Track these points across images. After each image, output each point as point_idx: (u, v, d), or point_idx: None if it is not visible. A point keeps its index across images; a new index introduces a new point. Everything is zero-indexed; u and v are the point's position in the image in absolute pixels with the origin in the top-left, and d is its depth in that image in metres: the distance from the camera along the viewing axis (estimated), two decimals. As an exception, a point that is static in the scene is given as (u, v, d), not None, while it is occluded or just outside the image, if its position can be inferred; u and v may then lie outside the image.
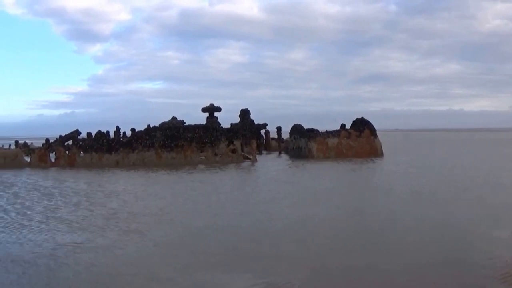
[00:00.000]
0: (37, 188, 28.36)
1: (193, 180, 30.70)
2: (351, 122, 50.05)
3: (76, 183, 30.24)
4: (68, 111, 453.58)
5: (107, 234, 15.25)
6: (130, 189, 26.97)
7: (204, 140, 46.13)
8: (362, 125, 49.33)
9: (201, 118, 56.59)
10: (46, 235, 15.34)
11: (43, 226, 16.86)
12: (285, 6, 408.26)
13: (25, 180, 33.36)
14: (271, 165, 42.31)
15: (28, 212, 19.88)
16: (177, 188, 26.79)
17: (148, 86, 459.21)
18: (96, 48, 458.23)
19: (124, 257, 12.55)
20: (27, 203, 22.48)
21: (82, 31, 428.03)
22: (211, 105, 57.31)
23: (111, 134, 47.67)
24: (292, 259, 11.95)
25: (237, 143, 47.31)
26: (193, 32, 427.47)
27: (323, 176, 32.22)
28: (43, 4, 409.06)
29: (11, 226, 16.98)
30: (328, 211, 18.82)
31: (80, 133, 47.41)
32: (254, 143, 48.38)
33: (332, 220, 17.00)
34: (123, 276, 10.99)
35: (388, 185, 26.47)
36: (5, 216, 19.05)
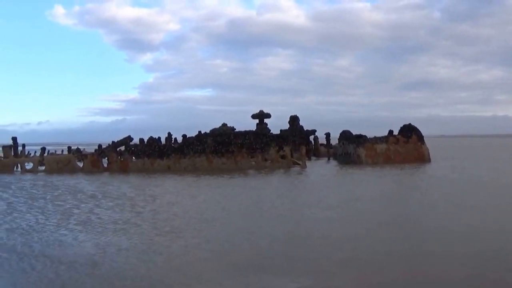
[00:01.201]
0: (83, 191, 29.23)
1: (239, 185, 30.95)
2: (399, 128, 49.89)
3: (122, 187, 31.04)
4: (120, 117, 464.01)
5: (147, 235, 15.57)
6: (174, 192, 27.44)
7: (254, 146, 46.21)
8: (409, 131, 49.21)
9: (251, 125, 56.80)
10: (87, 236, 15.75)
11: (83, 227, 17.28)
12: (331, 14, 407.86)
13: (71, 183, 34.45)
14: (320, 170, 42.31)
15: (70, 214, 20.48)
16: (221, 193, 27.02)
17: (198, 93, 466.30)
18: (147, 57, 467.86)
19: (164, 257, 12.79)
20: (67, 206, 23.16)
21: (132, 41, 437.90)
22: (261, 111, 57.51)
23: (163, 140, 48.30)
24: (333, 262, 11.94)
25: (287, 149, 47.19)
26: (241, 40, 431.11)
27: (369, 182, 31.93)
28: (93, 14, 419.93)
29: (54, 227, 17.52)
30: (367, 215, 18.67)
31: (132, 139, 48.13)
32: (303, 149, 48.30)
33: (372, 224, 16.82)
34: (167, 276, 11.10)
35: (434, 191, 26.09)
36: (49, 218, 19.66)
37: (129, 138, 47.86)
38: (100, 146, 49.48)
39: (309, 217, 18.56)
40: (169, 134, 50.74)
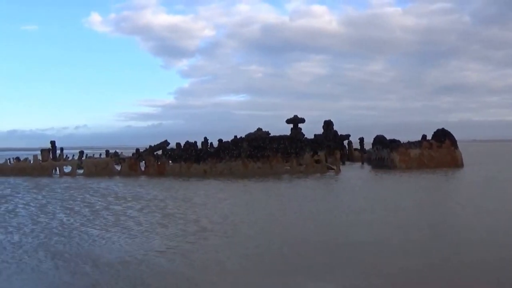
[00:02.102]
0: (117, 193, 30.13)
1: (271, 189, 31.32)
2: (432, 133, 50.04)
3: (156, 190, 31.64)
4: (156, 122, 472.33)
5: (175, 236, 15.99)
6: (206, 195, 27.97)
7: (289, 151, 46.64)
8: (443, 136, 49.20)
9: (285, 129, 57.29)
10: (117, 236, 16.22)
11: (114, 228, 17.84)
12: (362, 19, 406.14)
13: (106, 186, 35.47)
14: (354, 175, 42.44)
15: (101, 215, 21.14)
16: (253, 196, 27.50)
17: (233, 98, 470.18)
18: (182, 63, 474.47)
19: (193, 257, 13.08)
20: (98, 207, 24.00)
21: (168, 47, 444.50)
22: (295, 116, 57.93)
23: (199, 145, 49.12)
24: (362, 264, 12.02)
25: (321, 154, 47.54)
26: (275, 46, 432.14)
27: (403, 187, 31.94)
28: (129, 22, 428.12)
29: (85, 228, 18.11)
30: (400, 220, 18.53)
31: (169, 143, 48.99)
32: (337, 154, 48.56)
33: (404, 229, 16.78)
34: (195, 276, 11.31)
35: (472, 196, 25.93)
36: (81, 219, 20.33)
37: (166, 143, 48.68)
38: (137, 150, 50.44)
39: (340, 220, 18.69)
40: (206, 139, 51.66)
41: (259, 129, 49.87)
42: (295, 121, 57.70)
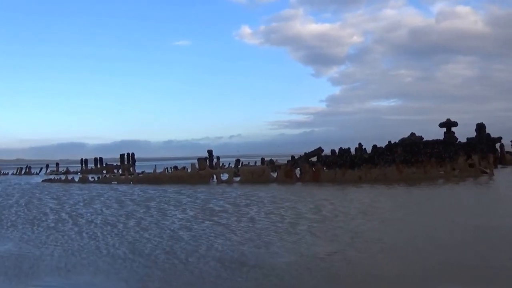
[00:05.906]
0: (272, 199, 30.91)
1: (422, 194, 31.63)
2: None
3: (313, 197, 31.91)
4: (308, 130, 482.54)
5: (337, 244, 15.93)
6: (363, 202, 27.86)
7: (443, 155, 47.04)
8: None
9: (436, 133, 57.47)
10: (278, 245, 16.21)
11: (277, 236, 17.78)
12: (507, 19, 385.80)
13: (263, 195, 35.66)
14: (508, 179, 42.03)
15: (258, 222, 21.25)
16: (402, 200, 28.03)
17: (383, 104, 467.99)
18: (333, 70, 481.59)
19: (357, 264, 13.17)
20: (250, 212, 24.49)
21: (318, 56, 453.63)
22: (448, 120, 57.99)
23: (352, 151, 50.85)
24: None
25: (475, 158, 47.49)
26: (422, 49, 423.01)
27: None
28: (278, 33, 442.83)
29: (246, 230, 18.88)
30: None
31: (323, 150, 51.08)
32: (491, 157, 48.23)
33: None
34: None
35: None
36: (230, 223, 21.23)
37: (320, 149, 50.80)
38: (293, 157, 52.93)
39: (490, 227, 18.16)
40: (360, 145, 53.17)
41: (412, 134, 50.66)
42: (448, 124, 57.71)
